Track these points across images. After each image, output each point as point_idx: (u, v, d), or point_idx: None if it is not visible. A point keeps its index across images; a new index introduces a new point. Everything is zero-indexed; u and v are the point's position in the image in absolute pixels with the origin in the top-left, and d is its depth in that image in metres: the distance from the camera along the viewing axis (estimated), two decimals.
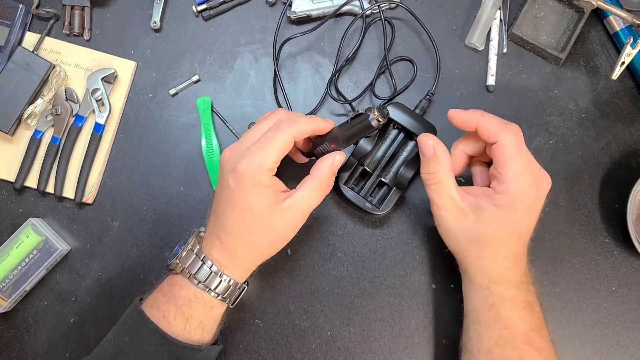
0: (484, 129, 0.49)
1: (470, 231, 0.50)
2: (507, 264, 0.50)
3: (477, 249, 0.50)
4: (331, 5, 0.63)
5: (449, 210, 0.50)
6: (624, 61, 0.59)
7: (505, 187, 0.48)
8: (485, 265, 0.51)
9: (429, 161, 0.51)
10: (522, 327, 0.50)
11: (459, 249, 0.52)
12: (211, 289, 0.49)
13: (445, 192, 0.50)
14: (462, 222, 0.50)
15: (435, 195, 0.51)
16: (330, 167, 0.50)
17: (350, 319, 0.60)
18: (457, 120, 0.51)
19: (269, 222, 0.49)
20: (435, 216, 0.52)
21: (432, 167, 0.51)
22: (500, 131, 0.48)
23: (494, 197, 0.48)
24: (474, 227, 0.49)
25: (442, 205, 0.51)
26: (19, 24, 0.62)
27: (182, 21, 0.65)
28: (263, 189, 0.48)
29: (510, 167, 0.48)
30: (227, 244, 0.49)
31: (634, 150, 0.62)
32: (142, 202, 0.62)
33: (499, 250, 0.50)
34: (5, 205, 0.62)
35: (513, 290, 0.50)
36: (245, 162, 0.48)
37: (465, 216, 0.50)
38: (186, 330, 0.49)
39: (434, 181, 0.51)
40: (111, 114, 0.62)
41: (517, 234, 0.50)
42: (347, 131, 0.50)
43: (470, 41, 0.63)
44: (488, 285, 0.51)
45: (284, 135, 0.48)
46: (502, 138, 0.48)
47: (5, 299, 0.58)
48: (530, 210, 0.49)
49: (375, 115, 0.47)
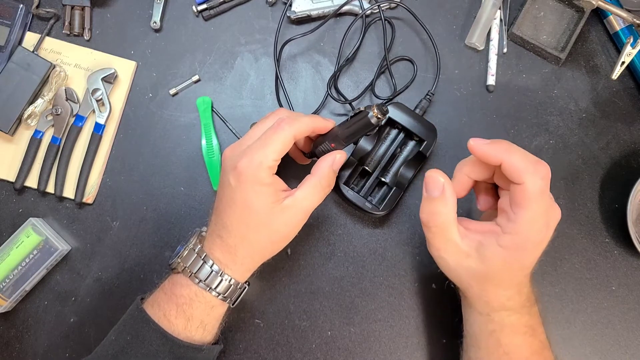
0: (510, 167, 0.43)
1: (472, 269, 0.46)
2: (509, 294, 0.48)
3: (479, 283, 0.47)
4: (331, 5, 0.63)
5: (449, 252, 0.47)
6: (624, 61, 0.59)
7: (516, 228, 0.44)
8: (486, 296, 0.48)
9: (433, 200, 0.46)
10: (523, 352, 0.48)
11: (461, 282, 0.49)
12: (212, 288, 0.49)
13: (446, 235, 0.47)
14: (463, 262, 0.47)
15: (435, 238, 0.47)
16: (331, 166, 0.50)
17: (350, 319, 0.60)
18: (479, 153, 0.45)
19: (270, 221, 0.48)
20: (434, 256, 0.49)
21: (435, 207, 0.46)
22: (527, 174, 0.43)
23: (500, 237, 0.45)
24: (476, 266, 0.46)
25: (441, 247, 0.47)
26: (19, 24, 0.62)
27: (182, 21, 0.65)
28: (263, 187, 0.48)
29: (528, 211, 0.43)
30: (227, 242, 0.49)
31: (634, 150, 0.62)
32: (142, 202, 0.62)
33: (502, 284, 0.47)
34: (5, 205, 0.62)
35: (514, 317, 0.48)
36: (246, 160, 0.48)
37: (467, 256, 0.46)
38: (187, 329, 0.49)
39: (436, 224, 0.46)
40: (111, 114, 0.62)
41: (522, 269, 0.47)
42: (347, 129, 0.50)
43: (470, 41, 0.63)
44: (489, 313, 0.49)
45: (284, 133, 0.48)
46: (528, 181, 0.43)
47: (5, 299, 0.58)
48: (538, 249, 0.46)
49: (374, 112, 0.47)
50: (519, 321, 0.48)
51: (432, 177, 0.46)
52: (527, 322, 0.49)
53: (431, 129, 0.58)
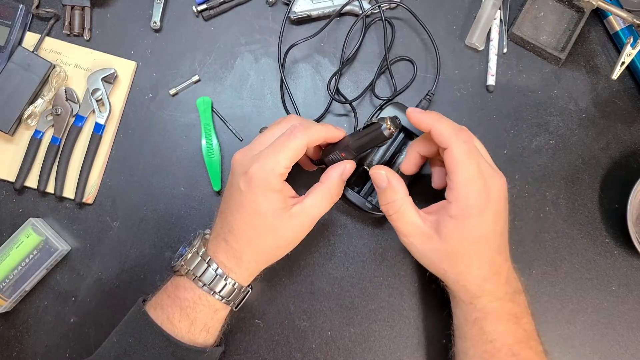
0: (436, 133, 0.48)
1: (438, 250, 0.48)
2: (484, 274, 0.48)
3: (451, 266, 0.49)
4: (331, 5, 0.63)
5: (414, 235, 0.49)
6: (624, 61, 0.59)
7: (456, 194, 0.46)
8: (463, 280, 0.49)
9: (384, 191, 0.50)
10: (506, 339, 0.48)
11: (436, 270, 0.50)
12: (216, 291, 0.49)
13: (407, 218, 0.49)
14: (428, 244, 0.49)
15: (398, 223, 0.50)
16: (340, 175, 0.51)
17: (350, 319, 0.60)
18: (413, 120, 0.49)
19: (277, 227, 0.49)
20: (405, 244, 0.51)
21: (389, 197, 0.49)
22: (451, 137, 0.47)
23: (448, 208, 0.47)
24: (440, 246, 0.48)
25: (406, 232, 0.49)
26: (19, 24, 0.62)
27: (182, 21, 0.65)
28: (273, 193, 0.48)
29: (458, 174, 0.46)
30: (233, 246, 0.49)
31: (634, 150, 0.62)
32: (142, 202, 0.62)
33: (471, 262, 0.48)
34: (5, 205, 0.62)
35: (496, 303, 0.48)
36: (258, 165, 0.48)
37: (430, 237, 0.48)
38: (191, 332, 0.49)
39: (394, 210, 0.49)
40: (111, 114, 0.62)
41: (482, 241, 0.47)
42: (358, 140, 0.50)
43: (470, 41, 0.63)
44: (471, 301, 0.49)
45: (297, 141, 0.48)
46: (452, 145, 0.46)
47: (5, 299, 0.58)
48: (484, 215, 0.47)
49: (387, 125, 0.47)
50: (502, 308, 0.49)
51: (376, 174, 0.50)
52: (510, 309, 0.49)
53: None
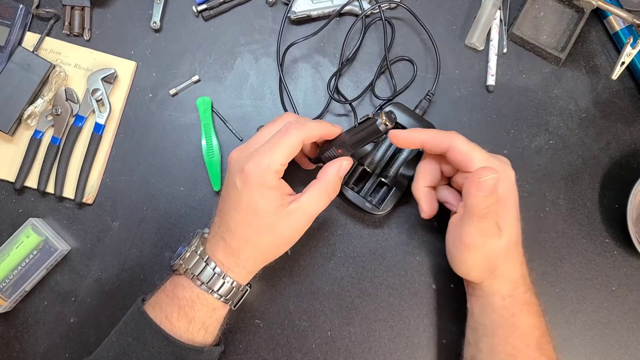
0: (431, 141, 0.50)
1: (497, 245, 0.49)
2: (520, 260, 0.51)
3: (505, 259, 0.50)
4: (331, 5, 0.63)
5: (486, 240, 0.49)
6: (624, 61, 0.59)
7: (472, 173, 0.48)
8: (510, 271, 0.50)
9: (491, 195, 0.47)
10: (535, 333, 0.50)
11: (486, 269, 0.50)
12: (214, 290, 0.49)
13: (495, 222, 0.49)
14: (493, 242, 0.49)
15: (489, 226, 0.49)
16: (337, 172, 0.51)
17: (350, 319, 0.60)
18: (399, 140, 0.51)
19: (274, 225, 0.49)
20: (464, 254, 0.50)
21: (492, 199, 0.48)
22: (447, 136, 0.50)
23: None
24: (500, 240, 0.49)
25: (475, 245, 0.49)
26: (19, 24, 0.62)
27: (182, 21, 0.65)
28: (270, 190, 0.48)
29: (475, 158, 0.49)
30: (231, 245, 0.49)
31: (634, 150, 0.62)
32: (142, 202, 0.62)
33: (519, 246, 0.51)
34: (5, 205, 0.62)
35: (527, 294, 0.51)
36: (253, 163, 0.48)
37: (496, 234, 0.49)
38: (189, 331, 0.49)
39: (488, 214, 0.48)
40: (111, 114, 0.62)
41: (519, 220, 0.51)
42: (354, 136, 0.50)
43: (470, 41, 0.63)
44: (511, 293, 0.50)
45: (292, 137, 0.48)
46: (453, 141, 0.49)
47: (5, 299, 0.58)
48: (514, 188, 0.51)
49: (383, 120, 0.47)
50: (532, 299, 0.51)
51: (491, 180, 0.47)
52: (535, 302, 0.51)
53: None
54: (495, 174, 0.47)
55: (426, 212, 0.54)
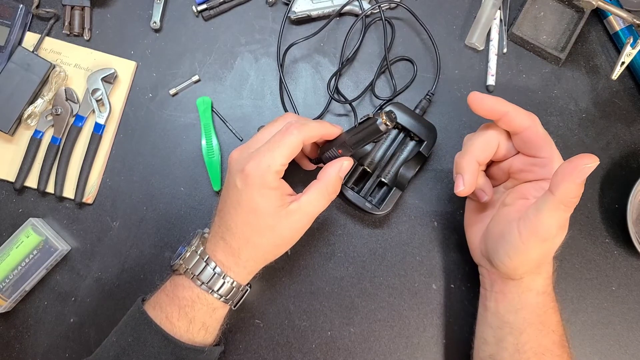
0: (514, 114, 0.47)
1: (562, 237, 0.47)
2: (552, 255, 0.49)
3: (549, 253, 0.48)
4: (331, 5, 0.63)
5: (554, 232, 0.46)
6: (624, 61, 0.59)
7: (555, 168, 0.45)
8: (549, 266, 0.50)
9: (583, 185, 0.44)
10: (560, 331, 0.50)
11: (535, 264, 0.49)
12: (214, 290, 0.49)
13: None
14: (552, 238, 0.47)
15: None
16: (338, 172, 0.50)
17: (350, 319, 0.60)
18: (484, 106, 0.47)
19: (275, 225, 0.49)
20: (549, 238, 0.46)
21: (582, 189, 0.44)
22: (529, 115, 0.47)
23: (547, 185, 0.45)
24: (566, 232, 0.47)
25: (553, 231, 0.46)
26: (19, 24, 0.62)
27: (182, 21, 0.65)
28: (270, 190, 0.48)
29: (551, 147, 0.47)
30: (231, 245, 0.49)
31: (634, 150, 0.62)
32: (142, 202, 0.62)
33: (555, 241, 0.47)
34: (5, 205, 0.62)
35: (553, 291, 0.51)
36: (254, 163, 0.48)
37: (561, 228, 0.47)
38: (189, 331, 0.49)
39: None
40: (111, 114, 0.62)
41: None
42: (355, 136, 0.50)
43: (470, 41, 0.63)
44: (545, 289, 0.50)
45: (292, 137, 0.48)
46: (534, 121, 0.47)
47: (5, 299, 0.58)
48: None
49: (383, 119, 0.47)
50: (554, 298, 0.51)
51: (588, 167, 0.43)
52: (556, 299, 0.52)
53: (431, 129, 0.58)
54: (596, 162, 0.42)
55: (467, 187, 0.48)
